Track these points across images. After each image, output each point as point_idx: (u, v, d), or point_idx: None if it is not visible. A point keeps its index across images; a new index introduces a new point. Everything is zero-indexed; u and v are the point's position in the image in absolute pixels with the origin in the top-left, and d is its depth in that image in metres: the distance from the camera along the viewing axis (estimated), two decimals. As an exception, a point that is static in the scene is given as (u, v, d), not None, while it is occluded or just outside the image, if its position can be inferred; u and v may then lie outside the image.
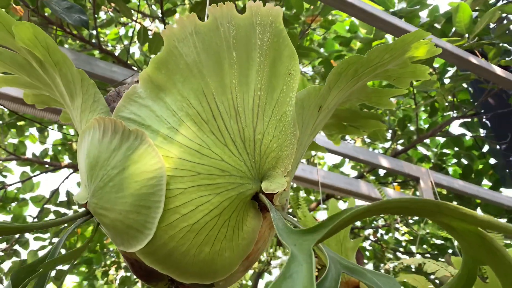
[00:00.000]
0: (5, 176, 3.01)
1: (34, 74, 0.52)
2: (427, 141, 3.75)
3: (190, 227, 0.39)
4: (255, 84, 0.44)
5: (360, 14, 1.72)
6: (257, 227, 0.43)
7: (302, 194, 3.68)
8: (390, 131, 3.49)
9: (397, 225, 3.71)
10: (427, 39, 0.55)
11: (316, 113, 0.51)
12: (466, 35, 2.32)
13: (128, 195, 0.39)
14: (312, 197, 3.63)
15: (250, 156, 0.42)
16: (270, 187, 0.42)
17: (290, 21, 2.07)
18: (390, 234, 3.83)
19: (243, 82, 0.44)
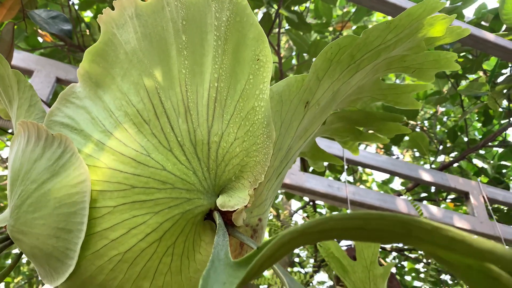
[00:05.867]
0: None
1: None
2: (483, 152, 3.43)
3: (121, 256, 0.31)
4: (212, 74, 0.35)
5: (395, 12, 1.59)
6: (215, 255, 0.33)
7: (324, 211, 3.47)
8: (435, 143, 3.22)
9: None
10: (443, 15, 0.43)
11: (302, 110, 0.42)
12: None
13: (45, 215, 0.31)
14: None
15: (202, 163, 0.33)
16: (228, 203, 0.32)
17: (319, 29, 1.98)
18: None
19: (197, 72, 0.35)
